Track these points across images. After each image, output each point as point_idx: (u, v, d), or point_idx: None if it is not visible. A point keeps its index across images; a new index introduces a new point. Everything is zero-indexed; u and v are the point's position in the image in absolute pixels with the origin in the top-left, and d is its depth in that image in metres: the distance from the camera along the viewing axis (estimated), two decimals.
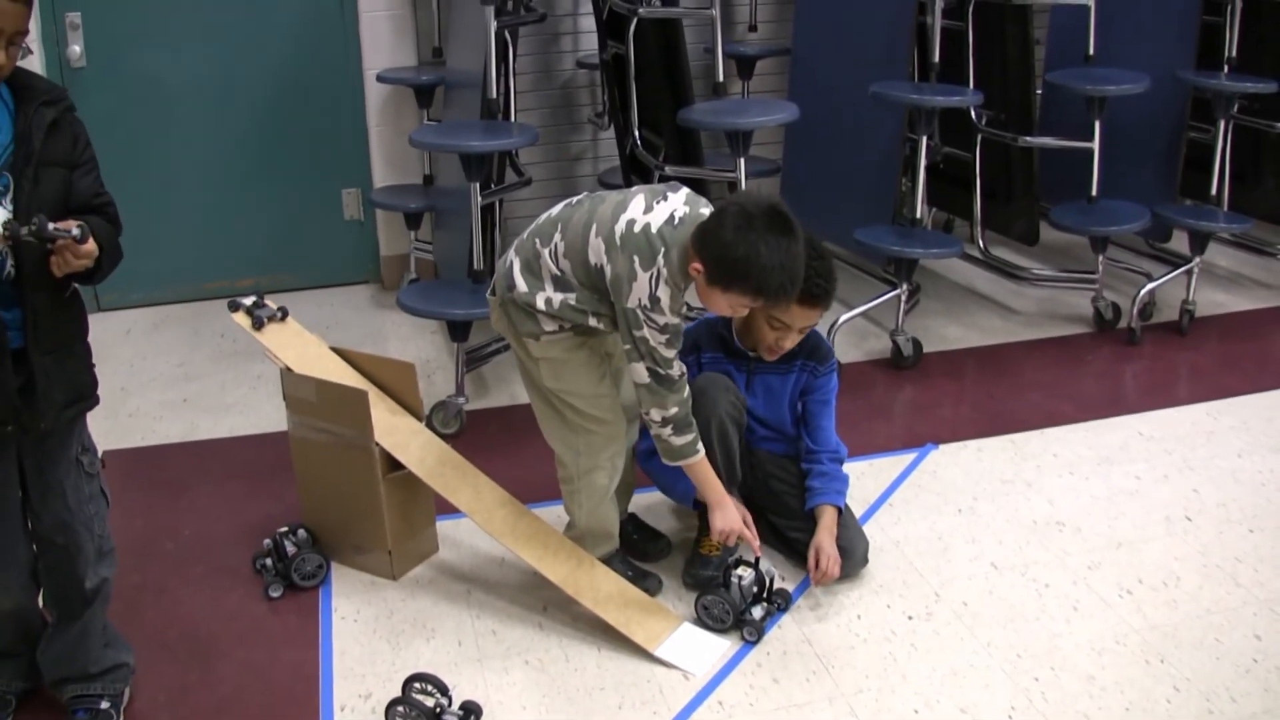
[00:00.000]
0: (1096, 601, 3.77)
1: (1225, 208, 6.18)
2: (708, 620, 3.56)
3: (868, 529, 3.95)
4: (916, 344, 5.39)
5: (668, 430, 3.40)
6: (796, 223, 3.22)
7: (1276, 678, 3.46)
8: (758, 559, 3.63)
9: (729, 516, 3.56)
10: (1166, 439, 4.77)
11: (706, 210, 3.30)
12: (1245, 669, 3.48)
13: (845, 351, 5.27)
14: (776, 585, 3.66)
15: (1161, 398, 5.14)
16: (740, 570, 3.59)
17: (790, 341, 3.70)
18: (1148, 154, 6.21)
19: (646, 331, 3.24)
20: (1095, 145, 5.79)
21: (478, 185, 4.74)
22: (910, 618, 3.66)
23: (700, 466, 3.52)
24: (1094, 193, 5.86)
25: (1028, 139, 5.99)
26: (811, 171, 6.09)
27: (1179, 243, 6.14)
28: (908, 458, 4.56)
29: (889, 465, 4.49)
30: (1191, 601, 3.79)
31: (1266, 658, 3.55)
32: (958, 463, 4.54)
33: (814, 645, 3.54)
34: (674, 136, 5.60)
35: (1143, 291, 5.77)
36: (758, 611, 3.53)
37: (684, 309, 3.33)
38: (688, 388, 3.43)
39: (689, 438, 3.44)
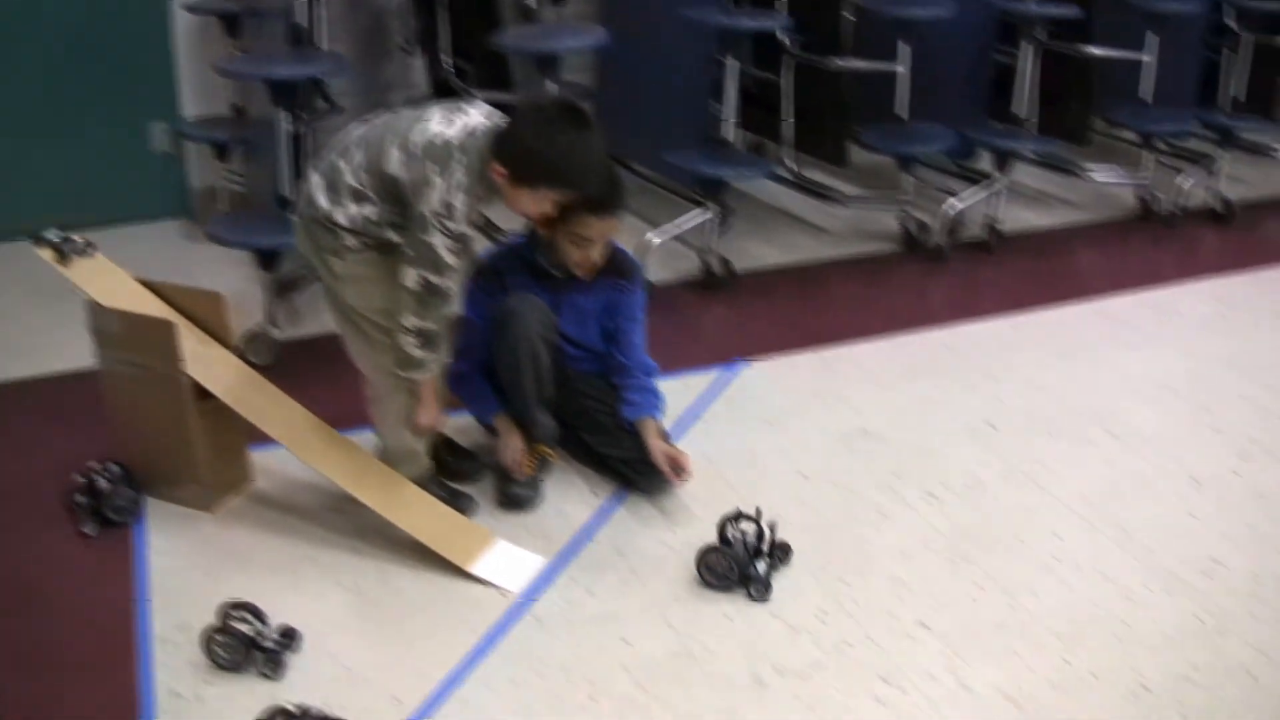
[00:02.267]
0: (902, 507, 3.88)
1: (1032, 129, 6.32)
2: (711, 579, 3.48)
3: (680, 445, 4.00)
4: (727, 264, 5.46)
5: (413, 340, 3.40)
6: (590, 116, 3.28)
7: (1074, 574, 3.59)
8: (759, 511, 3.57)
9: (431, 413, 3.61)
10: (971, 350, 4.91)
11: (503, 122, 3.34)
12: (1046, 566, 3.62)
13: (657, 273, 5.31)
14: (778, 539, 3.57)
15: (967, 311, 5.27)
16: (742, 524, 3.55)
17: (596, 253, 3.74)
18: (955, 77, 6.33)
19: (436, 238, 3.25)
20: (902, 68, 5.89)
21: (286, 114, 4.70)
22: None
23: (425, 387, 3.55)
24: (903, 115, 5.96)
25: (837, 62, 6.06)
26: (623, 96, 6.11)
27: (990, 165, 6.25)
28: (717, 375, 4.62)
29: (700, 382, 4.55)
30: (994, 504, 3.92)
31: (1066, 554, 3.68)
32: (768, 378, 4.62)
33: (627, 557, 3.59)
34: (485, 63, 5.59)
35: (948, 208, 5.89)
36: (761, 566, 3.48)
37: (478, 219, 3.34)
38: (451, 309, 3.44)
39: (430, 355, 3.46)
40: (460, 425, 4.03)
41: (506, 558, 3.56)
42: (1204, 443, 4.37)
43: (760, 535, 3.52)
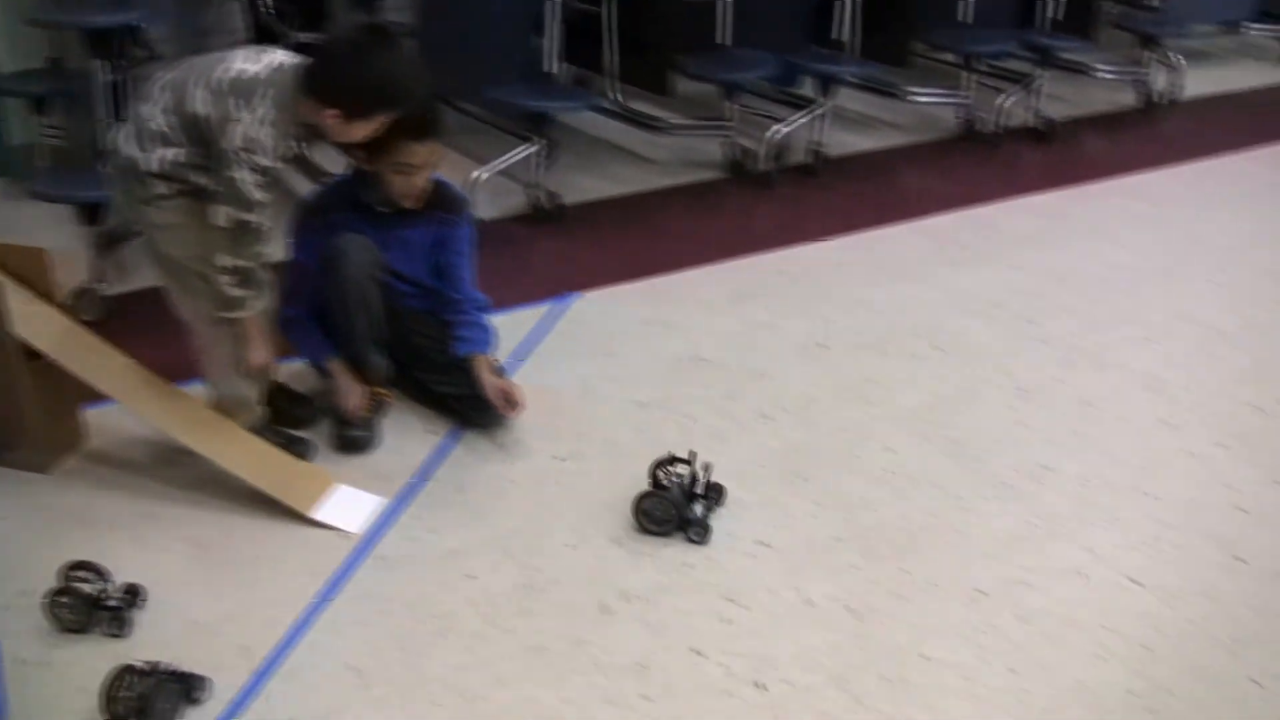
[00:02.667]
0: (738, 429, 3.92)
1: (853, 54, 6.38)
2: (649, 525, 3.44)
3: (514, 379, 4.00)
4: (555, 197, 5.45)
5: (229, 280, 3.33)
6: (395, 35, 3.30)
7: (908, 485, 3.67)
8: (692, 454, 3.54)
9: (260, 353, 3.53)
10: (799, 273, 4.96)
11: (288, 60, 3.31)
12: (880, 479, 3.68)
13: (486, 209, 5.29)
14: (712, 479, 3.54)
15: (794, 235, 5.32)
16: (675, 468, 3.52)
17: (421, 180, 3.72)
18: (778, 4, 6.36)
19: (244, 173, 3.19)
20: None
21: (103, 64, 4.60)
22: (559, 459, 3.74)
23: (250, 323, 3.48)
24: (725, 42, 5.99)
25: None
26: (446, 32, 6.02)
27: (813, 90, 6.30)
28: (549, 308, 4.62)
29: (531, 316, 4.55)
30: (827, 422, 3.98)
31: (898, 467, 3.76)
32: (599, 309, 4.63)
33: (467, 493, 3.59)
34: (304, 3, 5.51)
35: (773, 135, 5.94)
36: (698, 509, 3.45)
37: (286, 153, 3.30)
38: (265, 246, 3.38)
39: (248, 293, 3.39)
40: (294, 371, 3.99)
41: (347, 500, 3.53)
42: (1029, 353, 4.48)
43: (694, 478, 3.50)
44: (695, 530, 3.41)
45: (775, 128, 5.97)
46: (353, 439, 3.76)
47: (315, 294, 3.77)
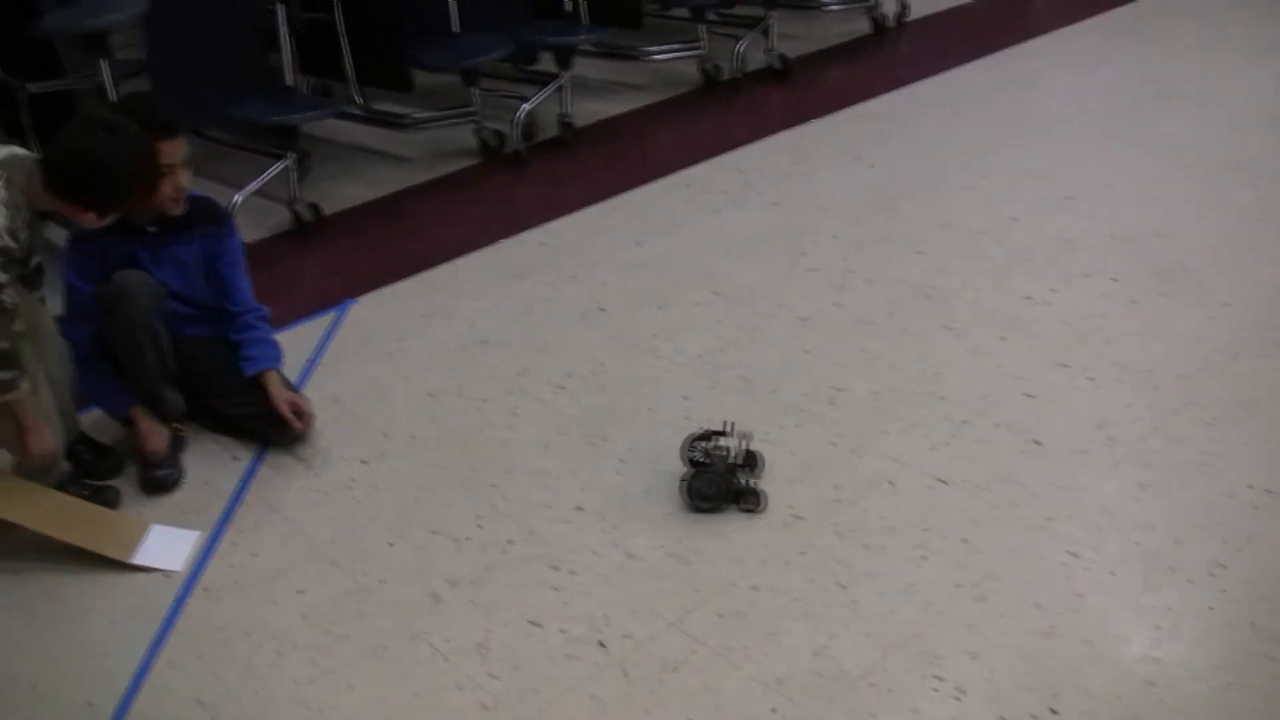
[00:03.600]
0: (533, 403, 3.96)
1: (584, 21, 6.43)
2: (702, 504, 3.43)
3: (306, 390, 3.99)
4: (315, 209, 5.41)
5: None
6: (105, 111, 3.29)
7: (707, 426, 3.73)
8: (728, 424, 3.53)
9: (39, 438, 3.43)
10: (568, 243, 5.01)
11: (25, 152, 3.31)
12: (680, 427, 3.73)
13: (249, 231, 5.21)
14: (750, 447, 3.53)
15: (557, 208, 5.36)
16: (716, 441, 3.51)
17: (182, 179, 3.68)
18: None
19: None
20: None
21: None
22: (364, 462, 3.74)
23: (20, 406, 3.37)
24: (457, 29, 6.00)
25: None
26: (180, 62, 5.93)
27: (552, 64, 6.34)
28: (328, 318, 4.60)
29: (311, 329, 4.51)
30: (620, 382, 4.04)
31: (694, 412, 3.83)
32: (377, 310, 4.63)
33: (280, 511, 3.57)
34: (32, 51, 5.39)
35: (520, 114, 5.97)
36: (743, 478, 3.46)
37: (20, 234, 3.25)
38: (18, 325, 3.31)
39: (9, 373, 3.29)
40: (93, 419, 3.92)
41: (164, 540, 3.50)
42: (804, 284, 4.59)
43: (728, 452, 3.49)
44: (748, 500, 3.42)
45: (521, 107, 6.00)
46: (159, 479, 3.72)
47: (100, 336, 3.71)
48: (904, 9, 7.99)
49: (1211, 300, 4.41)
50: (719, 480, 3.42)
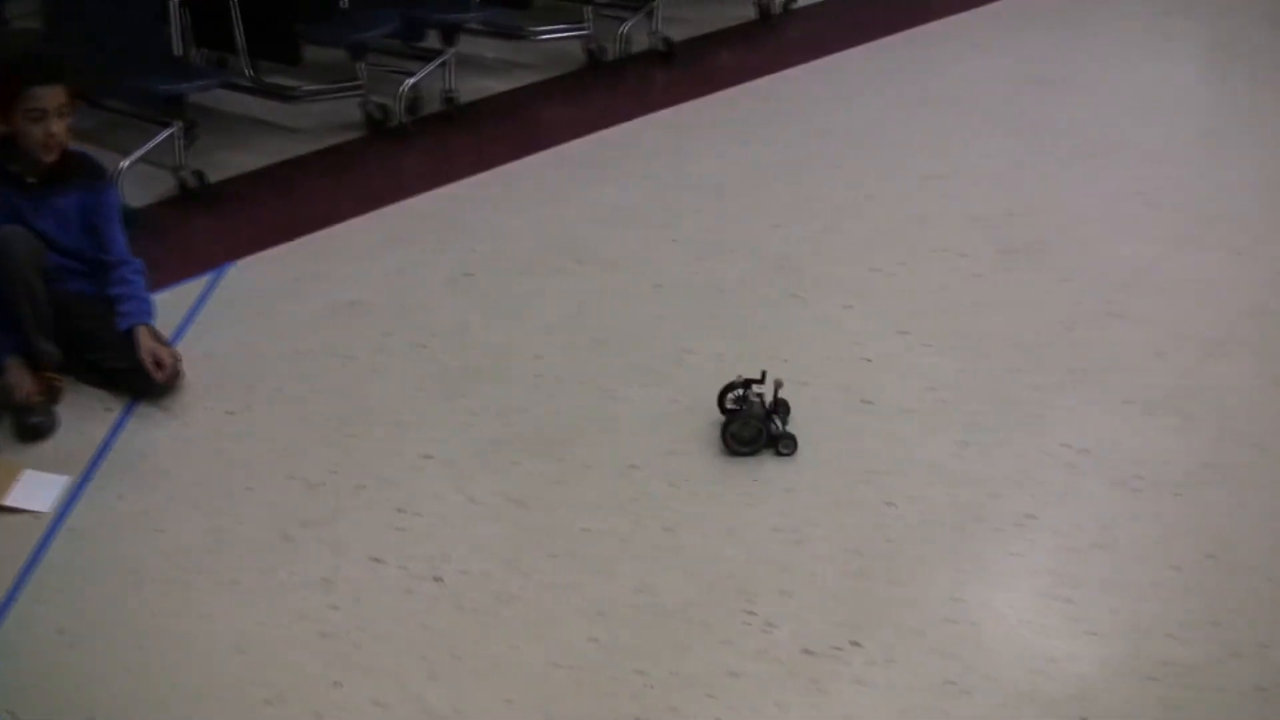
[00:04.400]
0: (395, 360, 4.14)
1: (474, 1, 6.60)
2: (739, 447, 3.62)
3: (180, 346, 4.13)
4: (201, 176, 5.54)
5: None
6: None
7: (557, 385, 3.96)
8: (764, 373, 3.75)
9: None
10: (444, 213, 5.19)
11: None
12: (533, 384, 3.95)
13: (135, 196, 5.34)
14: (780, 395, 3.75)
15: (437, 179, 5.53)
16: (750, 390, 3.72)
17: (57, 126, 3.84)
18: None
19: None
20: None
21: None
22: (230, 413, 3.90)
23: None
24: (345, 5, 6.16)
25: None
26: (77, 31, 6.04)
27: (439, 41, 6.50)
28: (208, 279, 4.74)
29: (192, 290, 4.65)
30: (479, 342, 4.24)
31: (548, 370, 4.04)
32: (255, 273, 4.77)
33: (148, 458, 3.72)
34: None
35: (404, 88, 6.13)
36: (778, 423, 3.66)
37: None
38: None
39: None
40: None
41: (35, 484, 3.62)
42: (666, 254, 4.80)
43: (761, 398, 3.71)
44: (785, 443, 3.63)
45: (406, 81, 6.15)
46: (32, 426, 3.85)
47: None
48: None
49: (1054, 275, 4.66)
50: (756, 425, 3.63)
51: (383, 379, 4.03)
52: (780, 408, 3.74)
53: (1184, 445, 3.77)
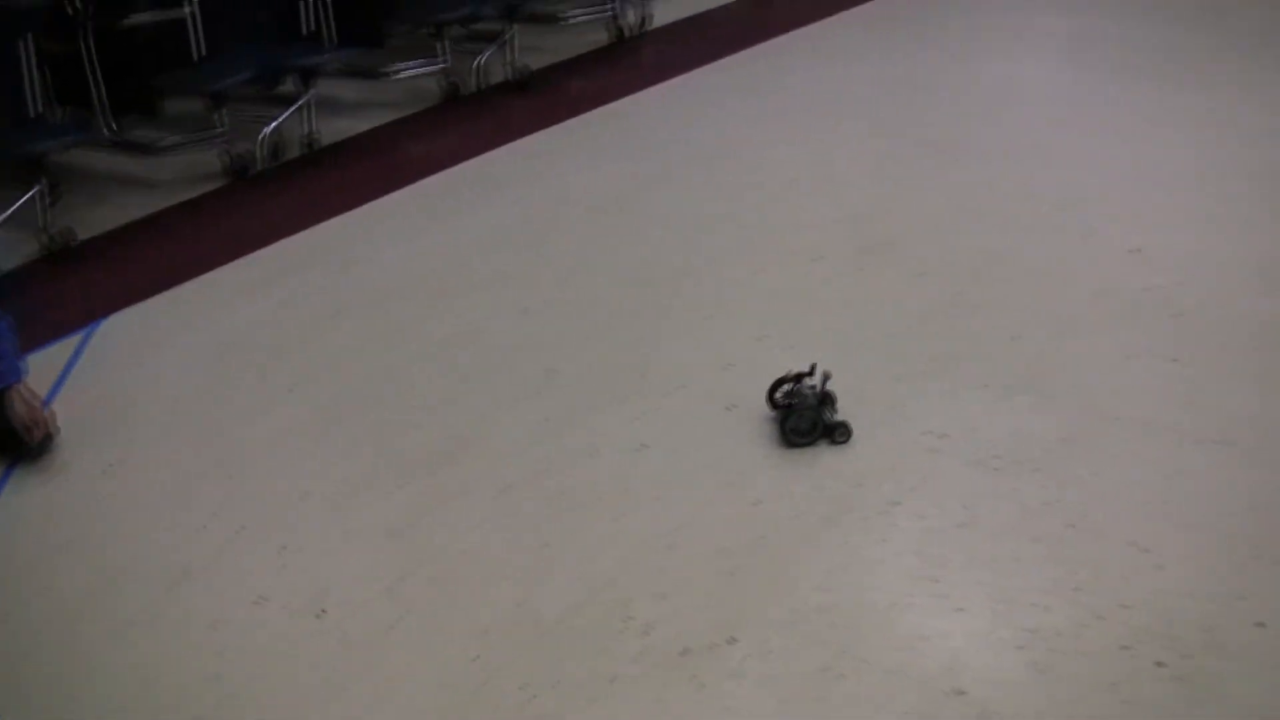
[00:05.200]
0: (271, 400, 4.20)
1: (330, 43, 6.65)
2: (798, 440, 3.76)
3: (56, 404, 4.15)
4: (68, 234, 5.55)
5: None
6: None
7: (431, 410, 4.00)
8: (813, 366, 3.90)
9: None
10: (313, 253, 5.25)
11: None
12: (405, 414, 4.01)
13: (2, 259, 5.37)
14: (829, 385, 3.87)
15: (303, 221, 5.58)
16: (801, 383, 3.85)
17: None
18: (248, 7, 6.56)
19: None
20: (189, 9, 6.09)
21: None
22: (111, 465, 3.94)
23: None
24: (202, 54, 6.19)
25: (128, 20, 6.19)
26: None
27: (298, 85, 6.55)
28: (82, 335, 4.76)
29: (64, 348, 4.67)
30: (355, 372, 4.29)
31: (422, 398, 4.11)
32: (129, 326, 4.80)
33: (28, 518, 3.75)
34: None
35: (266, 134, 6.18)
36: (829, 414, 3.79)
37: None
38: None
39: None
40: None
41: None
42: (534, 276, 4.90)
43: (813, 389, 3.84)
44: (840, 432, 3.78)
45: (266, 127, 6.20)
46: None
47: None
48: (646, 18, 8.31)
49: (909, 271, 4.80)
50: (812, 415, 3.77)
51: (259, 419, 4.09)
52: (828, 399, 3.86)
53: (1041, 423, 3.90)
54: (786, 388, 3.89)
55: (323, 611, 3.23)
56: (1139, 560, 3.31)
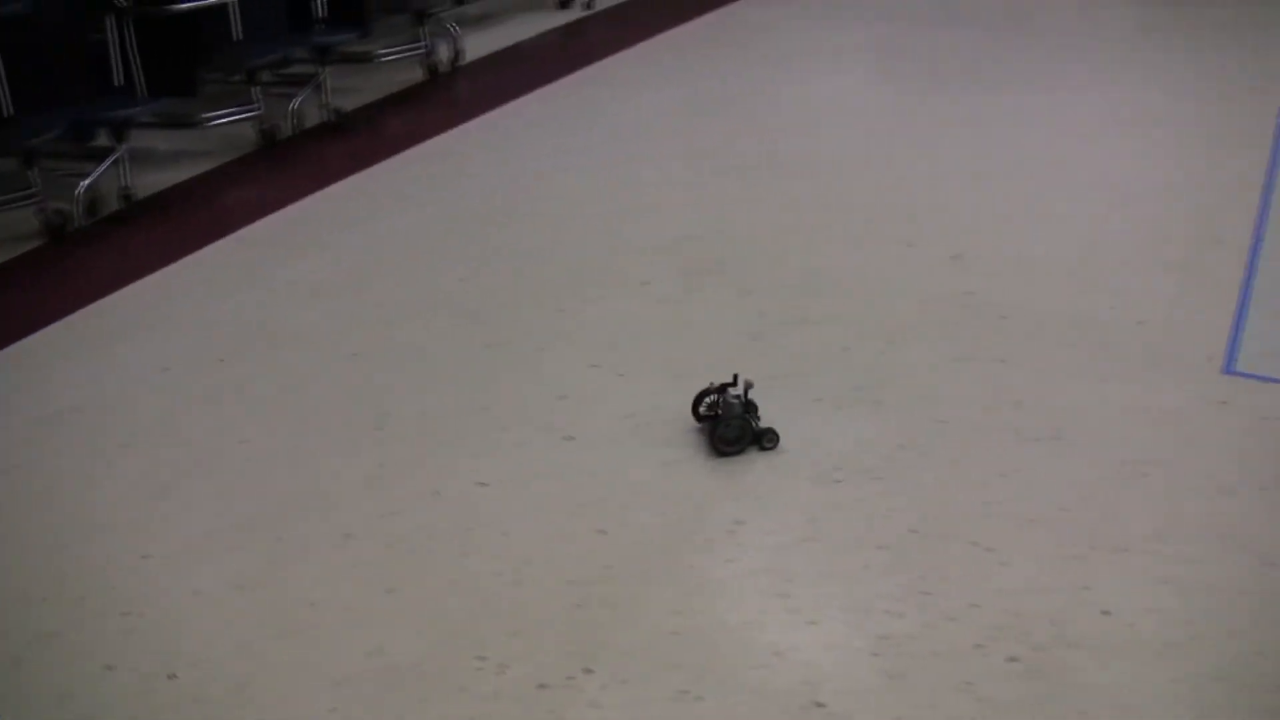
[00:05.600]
0: (103, 465, 4.10)
1: (141, 94, 6.54)
2: (726, 448, 3.85)
3: None
4: None
5: None
6: None
7: (266, 466, 3.94)
8: (735, 376, 4.02)
9: None
10: (134, 310, 5.13)
11: None
12: (240, 469, 3.94)
13: None
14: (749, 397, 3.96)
15: (125, 277, 5.46)
16: (725, 394, 3.95)
17: None
18: (53, 64, 6.43)
19: None
20: None
21: None
22: None
23: None
24: (8, 112, 6.06)
25: None
26: None
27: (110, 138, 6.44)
28: None
29: None
30: (184, 435, 4.21)
31: (255, 454, 4.04)
32: None
33: None
34: None
35: (81, 190, 6.06)
36: (754, 421, 3.89)
37: None
38: None
39: None
40: None
41: None
42: (361, 321, 4.85)
43: (738, 400, 3.93)
44: (768, 438, 3.89)
45: (81, 183, 6.09)
46: None
47: None
48: (458, 54, 8.32)
49: (737, 290, 4.85)
50: (739, 423, 3.86)
51: (93, 485, 3.99)
52: (751, 407, 3.92)
53: (877, 432, 3.97)
54: (711, 399, 3.97)
55: (173, 675, 3.16)
56: (984, 559, 3.38)
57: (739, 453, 3.88)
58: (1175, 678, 2.99)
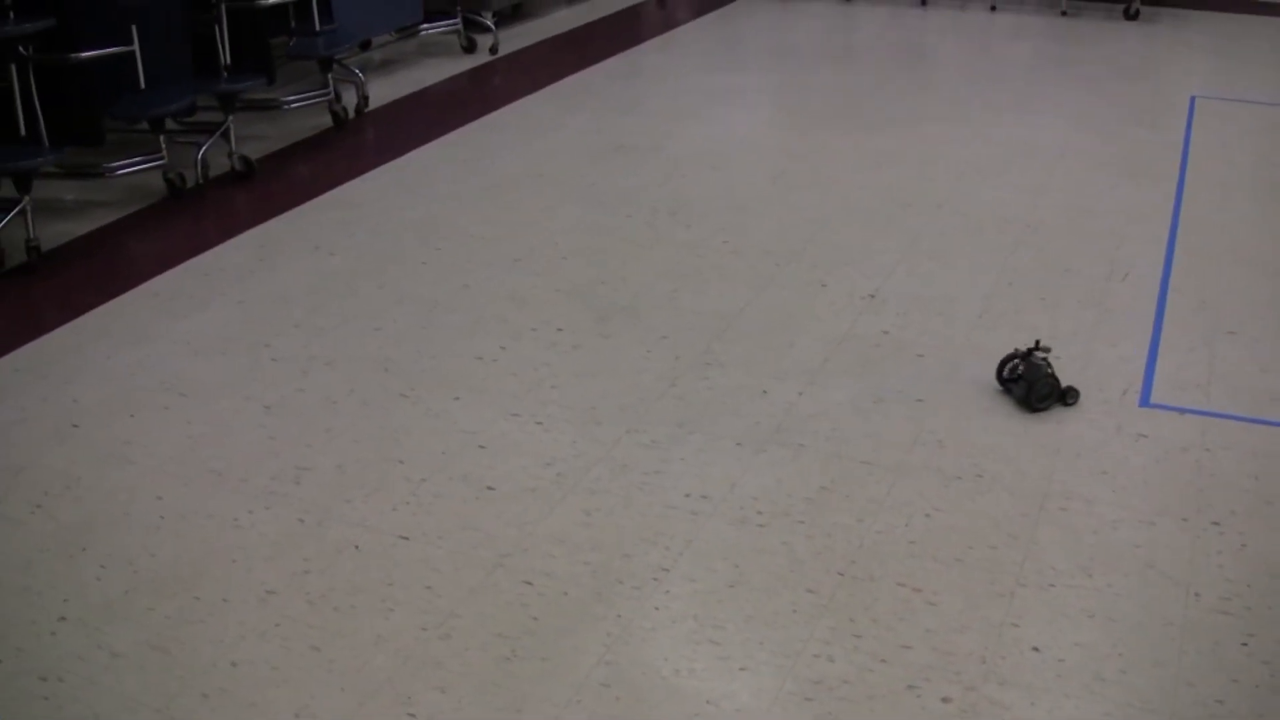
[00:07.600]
0: (12, 525, 4.01)
1: (42, 144, 6.45)
2: (1040, 404, 4.29)
3: None
4: None
5: None
6: None
7: (180, 523, 3.87)
8: (1037, 341, 4.43)
9: None
10: (36, 366, 5.00)
11: None
12: (154, 527, 3.87)
13: None
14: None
15: (28, 333, 5.34)
16: (1034, 355, 4.35)
17: None
18: None
19: None
20: None
21: None
22: None
23: None
24: None
25: None
26: None
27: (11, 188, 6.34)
28: None
29: None
30: (93, 493, 4.13)
31: (169, 510, 3.97)
32: None
33: None
34: None
35: None
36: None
37: None
38: None
39: None
40: None
41: None
42: (268, 374, 4.77)
43: (1043, 359, 4.35)
44: (1071, 394, 4.34)
45: None
46: None
47: None
48: (364, 99, 8.28)
49: (650, 335, 4.84)
50: (1051, 382, 4.29)
51: (4, 546, 3.91)
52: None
53: (798, 474, 3.97)
54: (1014, 363, 4.35)
55: None
56: (912, 600, 3.39)
57: (1048, 408, 4.29)
58: (1106, 711, 3.01)
